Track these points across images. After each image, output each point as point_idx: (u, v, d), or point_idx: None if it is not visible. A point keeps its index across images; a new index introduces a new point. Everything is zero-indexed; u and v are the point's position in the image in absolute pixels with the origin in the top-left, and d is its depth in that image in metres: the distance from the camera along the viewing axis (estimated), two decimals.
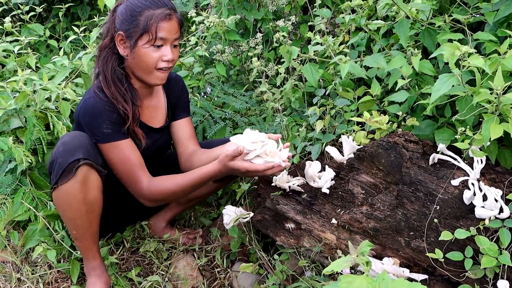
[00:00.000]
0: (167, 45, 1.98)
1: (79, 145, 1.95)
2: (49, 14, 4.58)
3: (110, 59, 2.03)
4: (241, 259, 2.34)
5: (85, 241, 2.09)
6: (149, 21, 1.92)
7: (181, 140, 2.30)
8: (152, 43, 1.95)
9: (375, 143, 1.87)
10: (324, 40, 2.22)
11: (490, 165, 1.86)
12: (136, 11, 1.94)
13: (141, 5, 1.94)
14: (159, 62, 2.00)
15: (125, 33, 1.96)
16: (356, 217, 1.83)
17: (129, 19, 1.95)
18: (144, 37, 1.94)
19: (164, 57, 1.99)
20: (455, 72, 1.64)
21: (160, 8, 1.94)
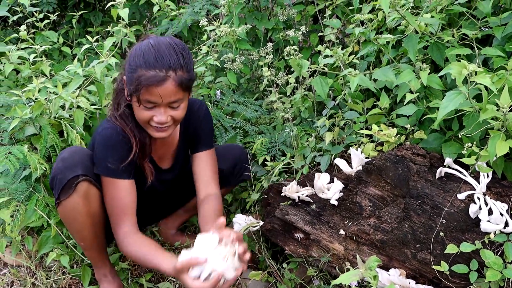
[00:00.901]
0: (159, 107, 1.85)
1: (78, 161, 1.96)
2: (62, 20, 4.63)
3: (121, 96, 1.98)
4: (250, 266, 2.37)
5: (93, 251, 2.15)
6: (138, 83, 1.79)
7: (196, 177, 2.19)
8: (138, 104, 1.85)
9: (383, 156, 1.90)
10: (334, 52, 2.25)
11: (496, 179, 1.89)
12: (132, 66, 1.83)
13: (137, 61, 1.82)
14: (151, 121, 1.90)
15: (126, 80, 1.90)
16: (363, 229, 1.87)
17: (128, 69, 1.86)
18: (134, 96, 1.85)
19: (155, 117, 1.88)
20: (462, 89, 1.67)
21: (153, 69, 1.78)
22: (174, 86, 1.80)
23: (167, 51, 1.81)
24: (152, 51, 1.80)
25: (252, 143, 2.69)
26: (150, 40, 1.85)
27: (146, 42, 1.85)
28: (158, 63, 1.79)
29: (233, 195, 2.76)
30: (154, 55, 1.79)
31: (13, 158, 2.24)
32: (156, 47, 1.81)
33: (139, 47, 1.85)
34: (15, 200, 2.32)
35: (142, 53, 1.81)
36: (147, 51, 1.81)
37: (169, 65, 1.79)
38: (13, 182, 2.39)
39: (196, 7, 3.50)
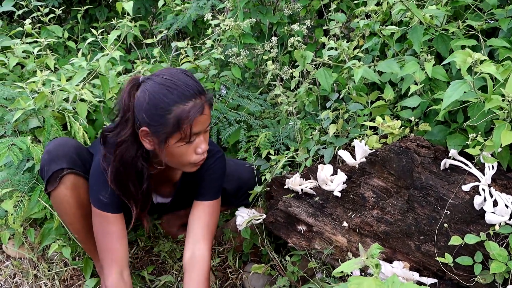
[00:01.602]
0: (199, 136, 1.78)
1: (62, 154, 1.94)
2: (67, 15, 4.63)
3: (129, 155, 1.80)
4: (253, 260, 2.37)
5: (89, 243, 2.13)
6: (180, 121, 1.67)
7: (188, 228, 2.05)
8: (186, 141, 1.73)
9: (387, 148, 1.88)
10: (338, 45, 2.24)
11: (502, 171, 1.86)
12: (163, 108, 1.67)
13: (168, 101, 1.67)
14: (193, 156, 1.80)
15: (150, 130, 1.72)
16: (367, 221, 1.85)
17: (154, 117, 1.69)
18: (175, 136, 1.71)
19: (199, 149, 1.79)
20: (467, 78, 1.65)
21: (190, 100, 1.69)
22: (209, 109, 1.77)
23: (186, 78, 1.73)
24: (176, 83, 1.70)
25: (256, 137, 2.68)
26: (160, 77, 1.73)
27: (157, 81, 1.72)
28: (190, 92, 1.70)
29: None
30: (182, 86, 1.70)
31: (16, 150, 2.24)
32: (175, 79, 1.71)
33: (154, 88, 1.71)
34: (18, 191, 2.32)
35: (167, 90, 1.69)
36: (172, 86, 1.69)
37: (198, 90, 1.72)
38: (16, 173, 2.39)
39: (201, 1, 3.49)
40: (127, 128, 1.75)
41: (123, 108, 1.75)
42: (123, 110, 1.75)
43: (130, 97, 1.74)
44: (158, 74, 1.75)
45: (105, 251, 1.92)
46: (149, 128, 1.72)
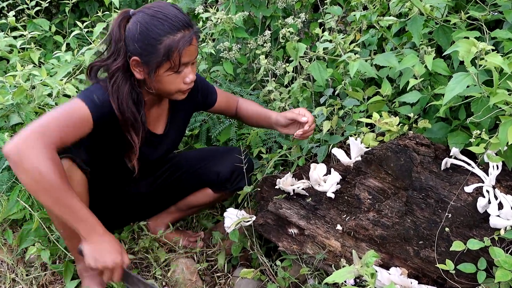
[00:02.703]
0: (187, 66, 1.84)
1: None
2: (58, 10, 4.53)
3: (124, 83, 1.83)
4: (243, 264, 2.25)
5: (74, 240, 1.97)
6: (170, 50, 1.74)
7: (223, 112, 2.35)
8: (174, 70, 1.80)
9: (384, 146, 1.77)
10: (333, 37, 2.12)
11: (507, 171, 1.76)
12: (153, 38, 1.74)
13: (159, 31, 1.74)
14: (181, 85, 1.86)
15: (141, 59, 1.78)
16: (362, 224, 1.74)
17: (145, 47, 1.76)
18: (165, 65, 1.78)
19: (187, 79, 1.85)
20: (471, 71, 1.54)
21: (179, 31, 1.75)
22: (196, 41, 1.83)
23: (175, 11, 1.78)
24: (166, 15, 1.75)
25: (248, 135, 2.57)
26: (150, 9, 1.78)
27: (148, 13, 1.77)
28: (180, 23, 1.76)
29: None
30: (172, 18, 1.75)
31: None
32: (165, 11, 1.76)
33: (145, 19, 1.76)
34: None
35: (159, 21, 1.75)
36: (162, 17, 1.75)
37: (186, 22, 1.78)
38: None
39: None
40: (120, 58, 1.80)
41: (114, 39, 1.80)
42: (114, 42, 1.80)
43: (120, 29, 1.79)
44: (149, 7, 1.79)
45: (54, 128, 1.67)
46: (140, 58, 1.77)
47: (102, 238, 1.71)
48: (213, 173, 2.26)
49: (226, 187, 2.30)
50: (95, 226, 1.71)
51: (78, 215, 1.67)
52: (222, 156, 2.29)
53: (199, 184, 2.31)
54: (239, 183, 2.28)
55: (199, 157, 2.33)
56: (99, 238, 1.70)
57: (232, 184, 2.29)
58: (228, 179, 2.27)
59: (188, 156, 2.38)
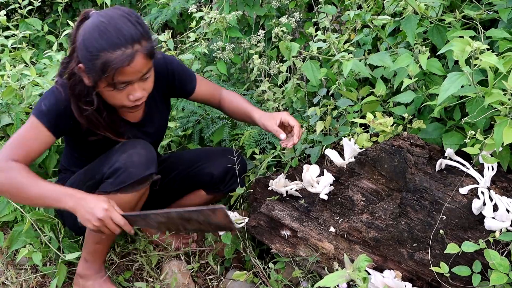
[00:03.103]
0: (132, 84, 1.72)
1: (152, 159, 1.90)
2: (51, 10, 4.49)
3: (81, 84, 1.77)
4: (236, 266, 2.22)
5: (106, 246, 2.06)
6: (105, 68, 1.62)
7: (205, 101, 2.26)
8: (112, 88, 1.70)
9: (377, 147, 1.74)
10: (327, 37, 2.09)
11: (502, 172, 1.73)
12: (91, 52, 1.63)
13: (97, 45, 1.62)
14: (125, 102, 1.77)
15: (84, 68, 1.69)
16: (355, 226, 1.71)
17: (86, 57, 1.66)
18: (103, 81, 1.68)
19: (130, 96, 1.75)
20: (465, 70, 1.51)
21: (119, 48, 1.62)
22: (143, 58, 1.68)
23: (123, 24, 1.64)
24: (109, 28, 1.63)
25: (241, 135, 2.54)
26: (99, 17, 1.67)
27: (95, 21, 1.66)
28: (121, 40, 1.62)
29: None
30: (113, 32, 1.62)
31: None
32: (111, 23, 1.64)
33: (90, 28, 1.65)
34: None
35: (99, 34, 1.63)
36: (103, 30, 1.63)
37: (132, 38, 1.64)
38: None
39: None
40: (73, 61, 1.73)
41: (70, 40, 1.74)
42: (70, 43, 1.75)
43: (75, 30, 1.71)
44: (100, 14, 1.69)
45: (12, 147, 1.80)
46: (84, 66, 1.69)
47: (84, 199, 1.71)
48: (206, 174, 2.23)
49: (219, 188, 2.27)
50: (73, 193, 1.74)
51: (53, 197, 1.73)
52: (215, 157, 2.25)
53: (192, 186, 2.28)
54: (232, 185, 2.25)
55: (192, 159, 2.29)
56: (82, 201, 1.71)
57: (226, 186, 2.27)
58: (222, 181, 2.25)
59: (181, 158, 2.34)
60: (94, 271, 2.06)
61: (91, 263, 2.06)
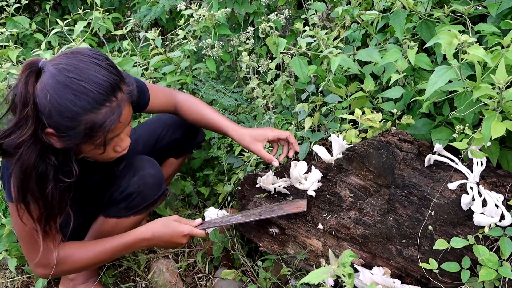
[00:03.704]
0: (120, 135, 1.54)
1: (161, 176, 1.86)
2: (40, 8, 4.45)
3: (28, 159, 1.43)
4: (224, 264, 2.20)
5: None
6: (93, 131, 1.40)
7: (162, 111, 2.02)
8: (102, 148, 1.49)
9: (365, 142, 1.72)
10: (316, 33, 2.07)
11: (491, 168, 1.71)
12: (70, 117, 1.37)
13: (76, 109, 1.36)
14: (111, 154, 1.58)
15: (57, 133, 1.41)
16: (343, 223, 1.68)
17: (59, 125, 1.39)
18: (87, 145, 1.47)
19: (118, 148, 1.57)
20: (453, 64, 1.49)
21: (103, 105, 1.39)
22: (128, 106, 1.49)
23: (96, 72, 1.39)
24: (83, 84, 1.37)
25: None
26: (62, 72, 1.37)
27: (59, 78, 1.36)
28: (102, 94, 1.39)
29: (211, 189, 2.58)
30: (91, 88, 1.37)
31: None
32: (83, 77, 1.38)
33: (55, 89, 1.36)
34: None
35: (74, 95, 1.36)
36: (77, 88, 1.36)
37: (113, 88, 1.41)
38: None
39: None
40: (27, 127, 1.39)
41: (20, 101, 1.38)
42: (20, 104, 1.38)
43: (27, 88, 1.37)
44: (61, 67, 1.38)
45: (35, 243, 1.59)
46: (56, 132, 1.41)
47: (158, 234, 1.71)
48: (171, 143, 2.16)
49: (186, 149, 2.25)
50: (142, 236, 1.71)
51: (123, 250, 1.72)
52: (174, 123, 2.14)
53: (162, 158, 2.20)
54: (196, 139, 2.23)
55: (148, 134, 2.17)
56: (156, 239, 1.71)
57: (191, 144, 2.24)
58: (186, 141, 2.20)
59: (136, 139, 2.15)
60: (87, 276, 2.03)
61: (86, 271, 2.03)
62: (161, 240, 1.71)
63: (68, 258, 1.66)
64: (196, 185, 2.66)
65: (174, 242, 1.73)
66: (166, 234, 1.71)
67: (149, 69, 2.87)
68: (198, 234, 1.75)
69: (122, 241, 1.70)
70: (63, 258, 1.65)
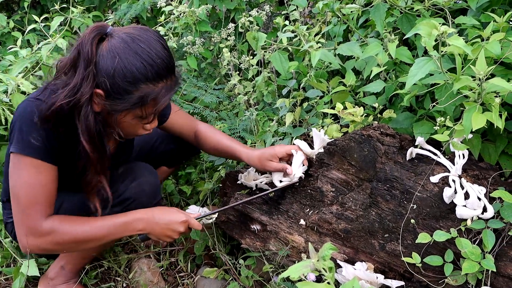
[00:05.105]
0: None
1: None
2: (18, 6, 4.39)
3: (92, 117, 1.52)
4: (207, 263, 2.17)
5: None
6: (146, 101, 1.48)
7: (179, 133, 2.04)
8: (142, 120, 1.58)
9: (347, 136, 1.70)
10: (296, 27, 2.05)
11: (473, 161, 1.71)
12: (129, 81, 1.45)
13: (140, 76, 1.45)
14: (140, 131, 1.64)
15: (105, 95, 1.49)
16: (325, 218, 1.66)
17: (118, 87, 1.46)
18: (133, 112, 1.53)
19: (148, 126, 1.63)
20: (433, 55, 1.48)
21: (162, 80, 1.49)
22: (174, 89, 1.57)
23: (161, 51, 1.49)
24: (152, 58, 1.46)
25: None
26: (135, 41, 1.47)
27: (131, 46, 1.46)
28: (164, 71, 1.49)
29: (193, 187, 2.55)
30: (157, 63, 1.47)
31: None
32: (152, 50, 1.47)
33: (126, 54, 1.45)
34: None
35: (141, 64, 1.45)
36: (146, 60, 1.46)
37: (171, 67, 1.51)
38: None
39: None
40: (89, 85, 1.47)
41: (85, 59, 1.47)
42: (85, 62, 1.47)
43: (93, 48, 1.46)
44: (132, 36, 1.48)
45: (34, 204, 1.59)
46: (106, 94, 1.49)
47: (154, 216, 1.68)
48: (168, 152, 2.17)
49: (181, 160, 2.26)
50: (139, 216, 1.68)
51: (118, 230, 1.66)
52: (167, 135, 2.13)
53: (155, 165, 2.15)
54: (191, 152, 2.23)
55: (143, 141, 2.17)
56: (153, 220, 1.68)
57: (185, 156, 2.24)
58: (182, 151, 2.19)
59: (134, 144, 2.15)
60: (68, 277, 2.00)
61: (68, 271, 1.99)
62: (159, 224, 1.67)
63: (60, 228, 1.60)
64: (178, 184, 2.63)
65: (171, 229, 1.69)
66: (165, 218, 1.68)
67: None
68: (195, 225, 1.74)
69: (118, 219, 1.66)
70: (55, 227, 1.60)
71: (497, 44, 1.50)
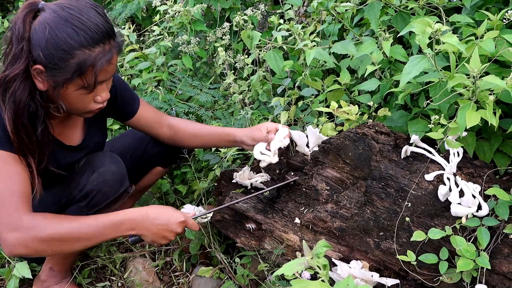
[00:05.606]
0: (103, 84, 1.55)
1: (124, 172, 1.79)
2: (13, 6, 4.39)
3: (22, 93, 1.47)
4: (202, 262, 2.16)
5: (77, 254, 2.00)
6: (84, 67, 1.44)
7: (149, 127, 1.97)
8: (87, 90, 1.51)
9: (342, 134, 1.70)
10: (291, 26, 2.05)
11: (468, 159, 1.71)
12: (65, 50, 1.41)
13: (72, 42, 1.41)
14: (91, 104, 1.58)
15: (45, 70, 1.45)
16: (320, 216, 1.66)
17: (53, 59, 1.43)
18: (74, 83, 1.48)
19: (98, 97, 1.57)
20: (427, 53, 1.48)
21: (98, 44, 1.44)
22: (116, 55, 1.52)
23: (95, 16, 1.45)
24: (84, 23, 1.42)
25: None
26: (65, 9, 1.43)
27: (61, 13, 1.43)
28: (99, 35, 1.44)
29: (188, 187, 2.55)
30: (90, 27, 1.43)
31: None
32: (83, 16, 1.43)
33: (56, 22, 1.42)
34: None
35: (73, 29, 1.41)
36: (78, 24, 1.42)
37: (108, 32, 1.47)
38: None
39: None
40: (21, 61, 1.44)
41: (15, 36, 1.43)
42: (17, 39, 1.43)
43: (25, 25, 1.42)
44: (63, 5, 1.44)
45: (8, 196, 1.50)
46: (45, 68, 1.45)
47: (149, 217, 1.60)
48: (160, 153, 2.12)
49: (174, 159, 2.20)
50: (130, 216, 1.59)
51: (107, 230, 1.56)
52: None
53: (149, 167, 2.18)
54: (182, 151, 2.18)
55: (135, 142, 2.14)
56: (147, 221, 1.60)
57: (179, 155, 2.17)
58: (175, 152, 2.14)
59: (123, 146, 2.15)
60: (59, 278, 1.98)
61: (57, 271, 1.98)
62: (154, 224, 1.60)
63: (44, 222, 1.50)
64: (174, 183, 2.62)
65: (168, 229, 1.62)
66: (162, 217, 1.61)
67: (124, 66, 2.83)
68: (193, 226, 1.69)
69: (108, 218, 1.57)
70: (37, 221, 1.50)
71: (491, 42, 1.50)
